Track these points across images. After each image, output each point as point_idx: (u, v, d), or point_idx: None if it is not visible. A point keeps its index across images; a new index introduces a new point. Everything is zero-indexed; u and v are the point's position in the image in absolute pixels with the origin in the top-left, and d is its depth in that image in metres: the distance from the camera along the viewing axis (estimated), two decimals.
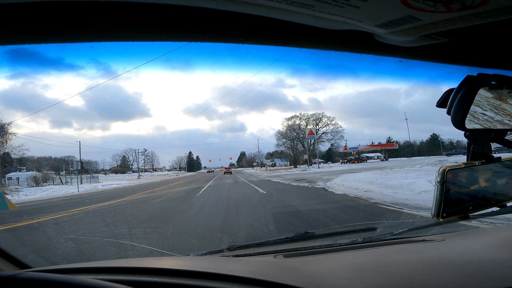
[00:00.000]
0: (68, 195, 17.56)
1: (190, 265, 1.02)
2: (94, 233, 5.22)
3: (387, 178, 11.40)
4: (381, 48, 0.60)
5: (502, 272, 0.86)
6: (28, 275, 0.67)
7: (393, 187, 9.03)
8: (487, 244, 1.15)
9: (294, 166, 51.79)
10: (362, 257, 1.16)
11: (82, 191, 19.82)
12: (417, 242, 1.30)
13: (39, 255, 3.90)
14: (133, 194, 14.00)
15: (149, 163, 68.14)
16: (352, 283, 0.85)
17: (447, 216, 0.65)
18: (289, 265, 1.06)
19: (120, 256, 3.61)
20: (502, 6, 0.41)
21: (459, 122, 0.63)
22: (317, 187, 11.83)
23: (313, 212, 6.17)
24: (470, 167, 0.67)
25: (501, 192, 0.73)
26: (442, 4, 0.40)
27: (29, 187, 24.97)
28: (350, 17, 0.46)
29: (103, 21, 0.51)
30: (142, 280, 0.81)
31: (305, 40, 0.62)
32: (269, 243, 1.55)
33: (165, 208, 8.43)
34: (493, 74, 0.64)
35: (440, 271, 0.89)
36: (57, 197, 16.06)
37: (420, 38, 0.53)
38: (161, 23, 0.53)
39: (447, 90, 0.67)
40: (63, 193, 19.12)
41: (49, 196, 17.38)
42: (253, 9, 0.45)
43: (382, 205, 6.47)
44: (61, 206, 10.61)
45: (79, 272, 0.92)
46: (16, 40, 0.53)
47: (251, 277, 0.84)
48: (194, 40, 0.58)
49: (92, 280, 0.67)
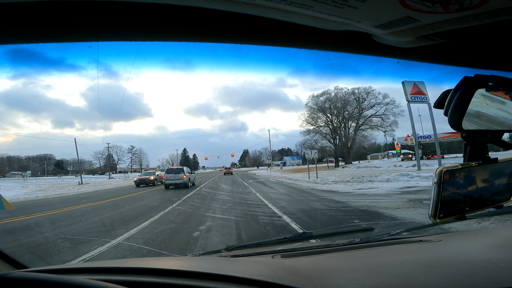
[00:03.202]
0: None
1: (187, 265, 1.01)
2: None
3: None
4: (379, 48, 0.60)
5: (498, 273, 0.86)
6: (18, 275, 0.66)
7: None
8: (484, 245, 1.16)
9: (335, 164, 38.25)
10: (359, 257, 1.17)
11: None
12: (414, 242, 1.31)
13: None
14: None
15: (137, 162, 62.22)
16: (350, 283, 0.86)
17: (444, 217, 0.66)
18: (287, 265, 1.06)
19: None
20: (500, 7, 0.42)
21: (456, 123, 0.63)
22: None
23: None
24: (467, 168, 0.68)
25: (497, 192, 0.74)
26: (440, 5, 0.41)
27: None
28: (349, 18, 0.46)
29: (102, 20, 0.50)
30: (139, 281, 0.81)
31: (304, 41, 0.62)
32: (267, 244, 1.55)
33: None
34: (490, 75, 0.65)
35: (437, 271, 0.90)
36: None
37: (418, 39, 0.54)
38: (160, 23, 0.53)
39: (445, 91, 0.67)
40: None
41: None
42: (252, 9, 0.45)
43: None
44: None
45: (74, 272, 0.92)
46: (17, 40, 0.53)
47: (249, 277, 0.84)
48: (193, 40, 0.58)
49: (86, 280, 0.67)
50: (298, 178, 19.80)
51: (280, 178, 22.53)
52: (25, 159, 53.05)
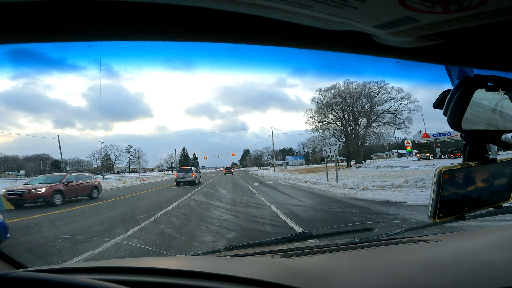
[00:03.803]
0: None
1: (187, 265, 1.02)
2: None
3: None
4: (379, 49, 0.60)
5: (497, 273, 0.86)
6: (19, 274, 0.66)
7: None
8: (483, 245, 1.16)
9: (348, 163, 34.19)
10: (359, 257, 1.17)
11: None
12: (413, 242, 1.31)
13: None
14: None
15: (135, 162, 60.57)
16: (349, 283, 0.86)
17: (443, 217, 0.66)
18: (287, 265, 1.06)
19: None
20: (500, 7, 0.42)
21: (456, 123, 0.64)
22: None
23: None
24: (466, 168, 0.68)
25: (496, 192, 0.74)
26: (439, 5, 0.41)
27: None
28: (349, 18, 0.46)
29: (101, 20, 0.50)
30: (138, 280, 0.81)
31: (304, 41, 0.62)
32: (267, 243, 1.55)
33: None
34: (489, 76, 0.65)
35: (436, 271, 0.90)
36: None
37: (417, 39, 0.54)
38: (160, 22, 0.52)
39: (444, 91, 0.67)
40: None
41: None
42: (251, 9, 0.45)
43: None
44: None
45: (74, 272, 0.92)
46: (16, 39, 0.53)
47: (248, 277, 0.84)
48: (193, 40, 0.58)
49: (86, 280, 0.67)
50: (315, 181, 15.97)
51: (291, 180, 18.76)
52: (23, 159, 52.92)
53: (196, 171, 20.86)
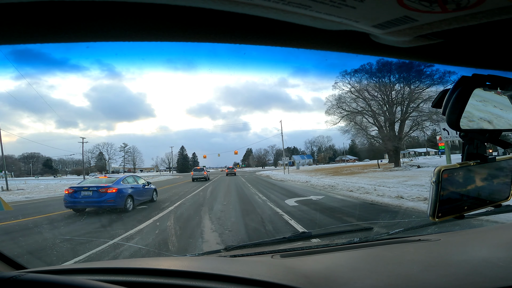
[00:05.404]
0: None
1: (187, 265, 1.02)
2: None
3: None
4: (377, 48, 0.61)
5: (497, 272, 0.86)
6: (30, 277, 0.67)
7: None
8: (482, 244, 1.16)
9: (395, 163, 26.06)
10: (358, 256, 1.17)
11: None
12: (413, 241, 1.31)
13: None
14: None
15: (130, 162, 58.29)
16: (349, 282, 0.86)
17: (443, 216, 0.66)
18: (286, 265, 1.06)
19: None
20: (497, 7, 0.42)
21: (454, 122, 0.64)
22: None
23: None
24: (465, 167, 0.68)
25: (496, 191, 0.74)
26: (437, 4, 0.41)
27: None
28: (347, 18, 0.46)
29: (100, 20, 0.50)
30: (138, 281, 0.81)
31: (303, 41, 0.62)
32: (266, 243, 1.55)
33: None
34: (487, 75, 0.65)
35: (435, 270, 0.90)
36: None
37: (416, 38, 0.54)
38: (160, 23, 0.53)
39: (442, 90, 0.68)
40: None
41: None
42: (250, 9, 0.45)
43: None
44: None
45: (75, 272, 0.92)
46: (18, 39, 0.53)
47: (248, 277, 0.84)
48: (193, 40, 0.58)
49: (85, 281, 0.67)
50: (386, 191, 9.23)
51: (346, 190, 10.83)
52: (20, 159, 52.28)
53: (207, 171, 27.93)
